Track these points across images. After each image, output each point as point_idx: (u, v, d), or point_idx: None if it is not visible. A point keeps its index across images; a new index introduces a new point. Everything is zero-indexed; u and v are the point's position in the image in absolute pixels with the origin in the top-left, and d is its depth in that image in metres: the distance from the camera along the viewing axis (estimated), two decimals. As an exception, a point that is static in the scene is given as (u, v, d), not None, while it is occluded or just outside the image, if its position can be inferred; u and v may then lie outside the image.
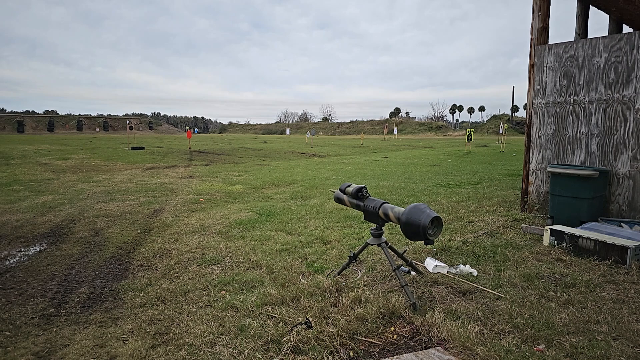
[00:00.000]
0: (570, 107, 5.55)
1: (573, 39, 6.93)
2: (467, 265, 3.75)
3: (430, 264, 3.74)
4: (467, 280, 3.45)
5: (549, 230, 4.43)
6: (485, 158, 17.55)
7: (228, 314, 2.88)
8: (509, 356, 2.31)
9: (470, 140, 23.27)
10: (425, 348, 2.45)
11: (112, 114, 66.47)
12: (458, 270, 3.68)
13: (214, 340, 2.53)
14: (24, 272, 3.82)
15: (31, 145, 25.30)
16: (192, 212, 6.47)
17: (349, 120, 72.12)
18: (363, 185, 3.39)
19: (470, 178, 10.53)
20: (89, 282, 3.59)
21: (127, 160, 16.51)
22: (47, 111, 67.93)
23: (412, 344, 2.52)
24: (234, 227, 5.42)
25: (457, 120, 74.00)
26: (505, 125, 33.54)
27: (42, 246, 4.63)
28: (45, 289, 3.44)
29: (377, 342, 2.53)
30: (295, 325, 2.65)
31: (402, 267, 3.43)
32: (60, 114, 64.85)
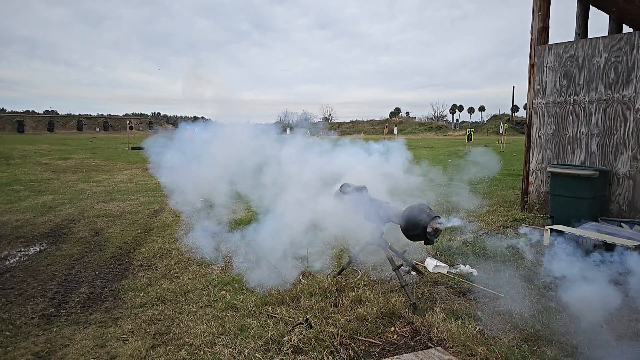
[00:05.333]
0: (570, 107, 5.55)
1: (573, 39, 6.93)
2: (467, 265, 3.76)
3: (430, 264, 3.74)
4: (467, 280, 3.45)
5: (549, 230, 4.43)
6: (485, 158, 17.53)
7: (228, 314, 2.88)
8: (509, 356, 2.32)
9: (471, 140, 23.26)
10: (426, 348, 2.45)
11: (112, 114, 66.28)
12: (458, 270, 3.68)
13: (214, 340, 2.53)
14: (24, 272, 3.82)
15: (31, 145, 25.30)
16: (192, 212, 6.47)
17: (349, 120, 72.09)
18: (363, 185, 3.39)
19: (470, 178, 10.52)
20: (89, 282, 3.59)
21: (127, 160, 16.51)
22: (47, 111, 67.75)
23: (412, 344, 2.53)
24: (234, 226, 5.42)
25: (457, 120, 73.88)
26: (505, 125, 33.50)
27: (42, 246, 4.63)
28: (45, 289, 3.44)
29: (377, 342, 2.53)
30: (296, 325, 2.65)
31: (402, 267, 3.43)
32: (60, 114, 64.62)
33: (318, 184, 3.85)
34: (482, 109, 73.06)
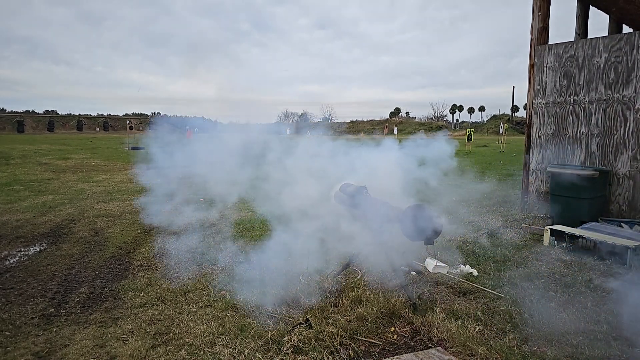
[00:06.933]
0: (570, 107, 5.55)
1: (573, 39, 6.93)
2: (467, 265, 3.76)
3: (430, 264, 3.74)
4: (467, 280, 3.45)
5: (549, 230, 4.43)
6: (485, 158, 17.54)
7: (228, 314, 2.88)
8: (509, 356, 2.32)
9: (471, 140, 23.25)
10: (426, 348, 2.45)
11: (112, 114, 66.18)
12: (458, 270, 3.68)
13: (214, 340, 2.53)
14: (24, 272, 3.82)
15: (31, 145, 25.29)
16: (192, 212, 6.47)
17: (349, 120, 71.99)
18: (364, 185, 3.39)
19: (470, 178, 10.52)
20: (89, 282, 3.59)
21: (127, 160, 16.51)
22: (47, 111, 67.54)
23: (412, 344, 2.52)
24: (235, 226, 5.43)
25: (457, 120, 73.83)
26: (505, 125, 33.49)
27: (42, 246, 4.63)
28: (45, 289, 3.44)
29: (377, 342, 2.53)
30: (296, 325, 2.65)
31: (402, 267, 3.43)
32: (60, 114, 64.49)
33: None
34: (482, 109, 73.07)
